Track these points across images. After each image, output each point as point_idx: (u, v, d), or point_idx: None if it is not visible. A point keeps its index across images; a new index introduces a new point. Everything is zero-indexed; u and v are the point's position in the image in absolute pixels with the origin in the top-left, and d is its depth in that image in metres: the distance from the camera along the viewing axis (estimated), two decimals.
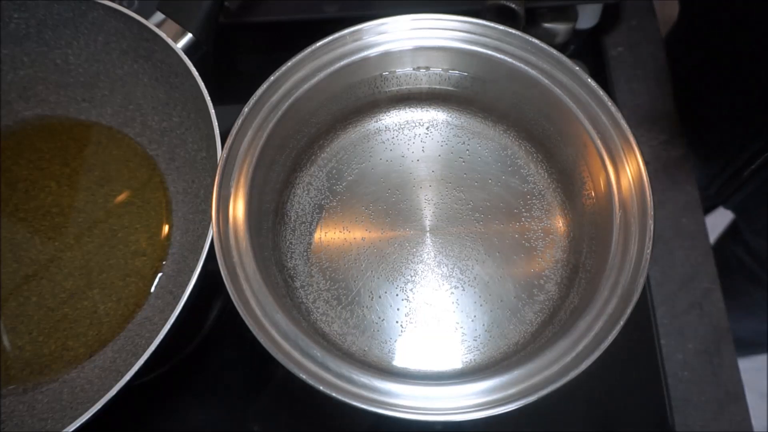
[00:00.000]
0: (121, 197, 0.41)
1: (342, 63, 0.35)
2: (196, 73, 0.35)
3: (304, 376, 0.27)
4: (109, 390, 0.29)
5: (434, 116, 0.39)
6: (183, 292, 0.30)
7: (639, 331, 0.42)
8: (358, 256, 0.35)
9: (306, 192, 0.37)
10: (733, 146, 0.49)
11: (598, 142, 0.33)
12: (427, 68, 0.37)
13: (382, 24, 0.35)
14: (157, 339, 0.30)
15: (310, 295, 0.34)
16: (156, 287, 0.39)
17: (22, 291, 0.39)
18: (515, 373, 0.28)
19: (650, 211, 0.30)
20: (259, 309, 0.29)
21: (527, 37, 0.34)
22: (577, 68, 0.33)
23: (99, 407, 0.28)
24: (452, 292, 0.34)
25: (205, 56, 0.39)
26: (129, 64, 0.40)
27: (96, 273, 0.39)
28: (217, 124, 0.34)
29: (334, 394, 0.27)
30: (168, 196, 0.41)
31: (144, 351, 0.29)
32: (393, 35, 0.35)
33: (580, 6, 0.46)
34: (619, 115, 0.32)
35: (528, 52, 0.34)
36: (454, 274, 0.34)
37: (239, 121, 0.33)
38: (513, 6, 0.38)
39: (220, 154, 0.32)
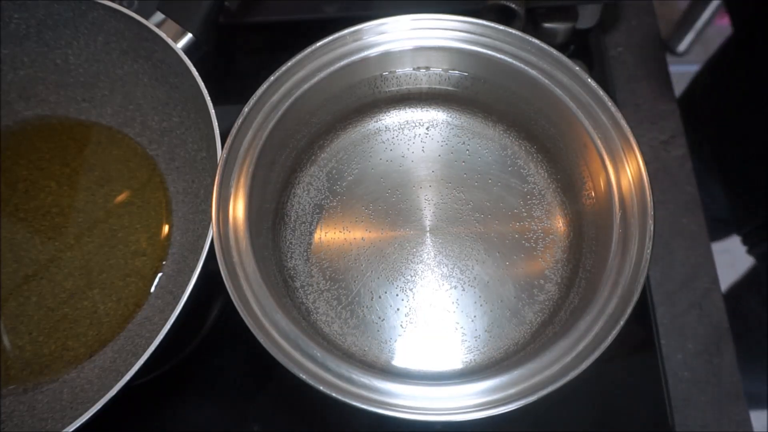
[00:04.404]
0: (121, 197, 0.41)
1: (342, 63, 0.35)
2: (196, 73, 0.35)
3: (304, 376, 0.27)
4: (109, 390, 0.29)
5: (434, 116, 0.39)
6: (183, 292, 0.30)
7: (639, 331, 0.42)
8: (358, 256, 0.35)
9: (306, 192, 0.37)
10: None
11: (598, 142, 0.33)
12: (427, 68, 0.37)
13: (382, 24, 0.35)
14: (157, 339, 0.30)
15: (310, 295, 0.34)
16: (156, 287, 0.39)
17: (22, 291, 0.39)
18: (515, 373, 0.28)
19: (650, 211, 0.30)
20: (259, 309, 0.29)
21: (527, 37, 0.34)
22: (577, 68, 0.33)
23: (99, 407, 0.28)
24: (452, 292, 0.34)
25: (205, 56, 0.39)
26: (129, 64, 0.40)
27: (96, 273, 0.39)
28: (217, 124, 0.34)
29: (334, 394, 0.27)
30: (168, 196, 0.41)
31: (144, 351, 0.29)
32: (393, 35, 0.35)
33: (580, 6, 0.46)
34: (619, 115, 0.32)
35: (528, 52, 0.34)
36: (454, 274, 0.34)
37: (239, 121, 0.33)
38: (513, 6, 0.38)
39: (220, 154, 0.32)
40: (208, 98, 0.34)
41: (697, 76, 0.62)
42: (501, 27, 0.34)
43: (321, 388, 0.27)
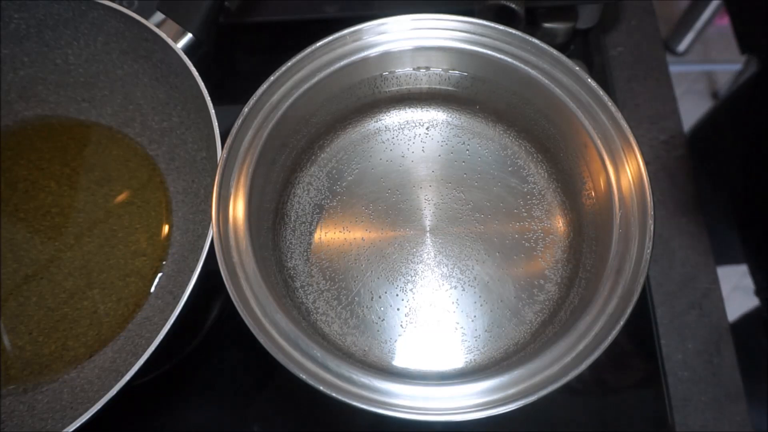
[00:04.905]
0: (121, 197, 0.41)
1: (342, 63, 0.35)
2: (196, 73, 0.35)
3: (304, 376, 0.27)
4: (109, 390, 0.29)
5: (434, 116, 0.39)
6: (183, 292, 0.30)
7: (639, 331, 0.42)
8: (358, 256, 0.35)
9: (306, 192, 0.37)
10: None
11: (598, 142, 0.33)
12: (427, 68, 0.37)
13: (382, 24, 0.35)
14: (157, 339, 0.30)
15: (310, 295, 0.34)
16: (156, 287, 0.39)
17: (22, 291, 0.39)
18: (515, 373, 0.28)
19: (650, 211, 0.30)
20: (259, 309, 0.29)
21: (527, 37, 0.34)
22: (577, 68, 0.33)
23: (99, 407, 0.28)
24: (452, 292, 0.34)
25: (205, 56, 0.39)
26: (129, 64, 0.40)
27: (96, 273, 0.39)
28: (217, 124, 0.34)
29: (334, 394, 0.27)
30: (168, 196, 0.41)
31: (144, 351, 0.29)
32: (393, 35, 0.35)
33: (580, 6, 0.46)
34: (619, 115, 0.32)
35: (528, 52, 0.34)
36: (454, 274, 0.34)
37: (239, 121, 0.33)
38: (513, 6, 0.38)
39: (220, 154, 0.32)
40: (208, 98, 0.34)
41: (709, 113, 0.60)
42: (501, 27, 0.34)
43: (321, 388, 0.27)
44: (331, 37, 0.34)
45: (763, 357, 0.57)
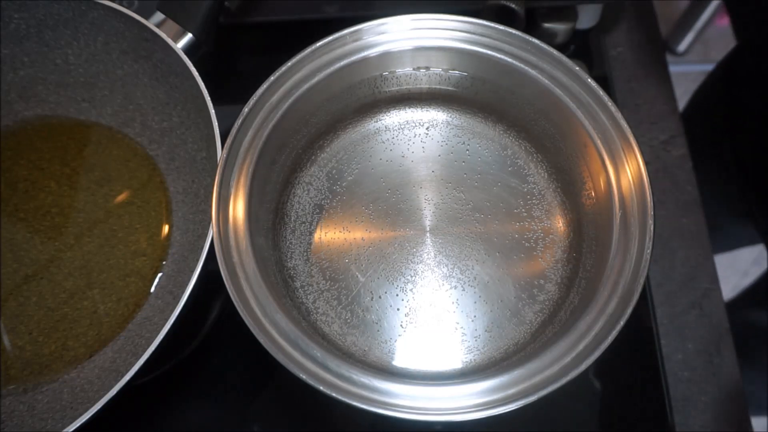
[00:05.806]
0: (121, 197, 0.41)
1: (342, 63, 0.35)
2: (196, 73, 0.35)
3: (304, 376, 0.27)
4: (109, 390, 0.29)
5: (434, 116, 0.39)
6: (183, 292, 0.30)
7: (639, 331, 0.42)
8: (358, 256, 0.35)
9: (306, 192, 0.37)
10: None
11: (598, 142, 0.33)
12: (427, 68, 0.37)
13: (382, 24, 0.35)
14: (157, 339, 0.30)
15: (310, 295, 0.34)
16: (156, 287, 0.39)
17: (22, 291, 0.39)
18: (515, 373, 0.28)
19: (650, 211, 0.30)
20: (259, 309, 0.29)
21: (527, 37, 0.34)
22: (577, 68, 0.33)
23: (99, 407, 0.28)
24: (452, 292, 0.34)
25: (205, 56, 0.39)
26: (129, 64, 0.40)
27: (96, 273, 0.39)
28: (217, 124, 0.34)
29: (334, 394, 0.27)
30: (168, 196, 0.41)
31: (144, 351, 0.29)
32: (393, 35, 0.35)
33: (580, 6, 0.46)
34: (619, 115, 0.32)
35: (528, 52, 0.34)
36: (454, 274, 0.34)
37: (239, 121, 0.33)
38: (513, 6, 0.38)
39: (220, 154, 0.32)
40: (208, 98, 0.34)
41: (704, 83, 0.60)
42: (501, 27, 0.34)
43: (321, 388, 0.27)
44: (331, 37, 0.34)
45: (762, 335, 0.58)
